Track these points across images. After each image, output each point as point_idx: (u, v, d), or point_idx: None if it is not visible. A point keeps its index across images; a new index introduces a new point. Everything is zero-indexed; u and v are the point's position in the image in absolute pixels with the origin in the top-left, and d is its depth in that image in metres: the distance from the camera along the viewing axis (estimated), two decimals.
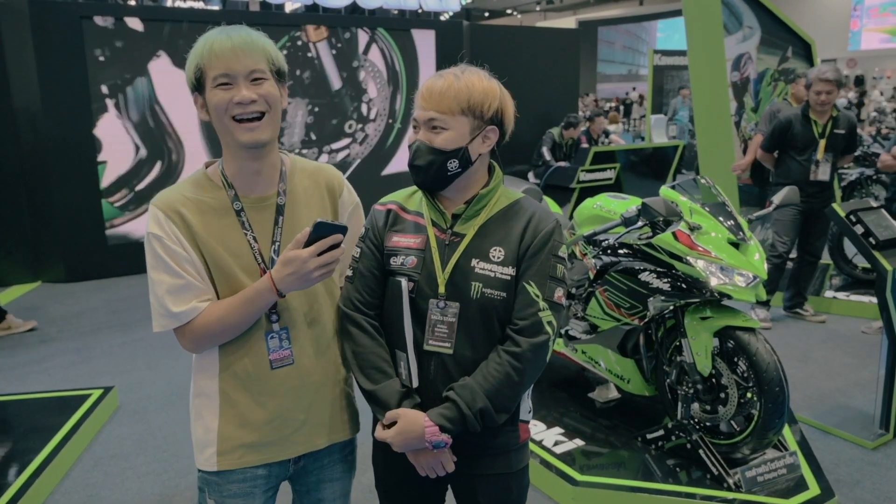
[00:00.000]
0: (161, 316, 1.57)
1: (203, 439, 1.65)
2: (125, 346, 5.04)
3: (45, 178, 6.72)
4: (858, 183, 7.16)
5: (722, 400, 3.06)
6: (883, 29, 25.17)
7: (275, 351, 1.62)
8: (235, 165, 1.61)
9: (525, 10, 32.97)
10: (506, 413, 1.62)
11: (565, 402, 3.82)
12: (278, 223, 1.64)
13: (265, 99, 1.53)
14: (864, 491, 3.12)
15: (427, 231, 1.66)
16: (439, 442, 1.57)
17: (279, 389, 1.63)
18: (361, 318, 1.68)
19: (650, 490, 2.96)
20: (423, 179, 1.64)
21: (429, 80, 1.62)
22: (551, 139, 9.23)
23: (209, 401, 1.64)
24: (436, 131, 1.59)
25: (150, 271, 1.57)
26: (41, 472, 3.19)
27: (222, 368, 1.62)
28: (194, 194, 1.60)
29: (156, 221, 1.55)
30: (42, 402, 3.98)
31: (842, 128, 5.07)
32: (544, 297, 1.60)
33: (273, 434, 1.65)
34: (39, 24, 6.46)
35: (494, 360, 1.59)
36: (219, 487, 1.66)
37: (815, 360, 4.63)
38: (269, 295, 1.53)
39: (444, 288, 1.62)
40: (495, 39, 9.85)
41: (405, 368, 1.65)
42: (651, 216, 3.06)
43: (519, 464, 1.75)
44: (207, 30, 1.56)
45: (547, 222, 1.64)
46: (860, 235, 3.57)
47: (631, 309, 3.28)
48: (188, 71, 1.56)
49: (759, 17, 6.60)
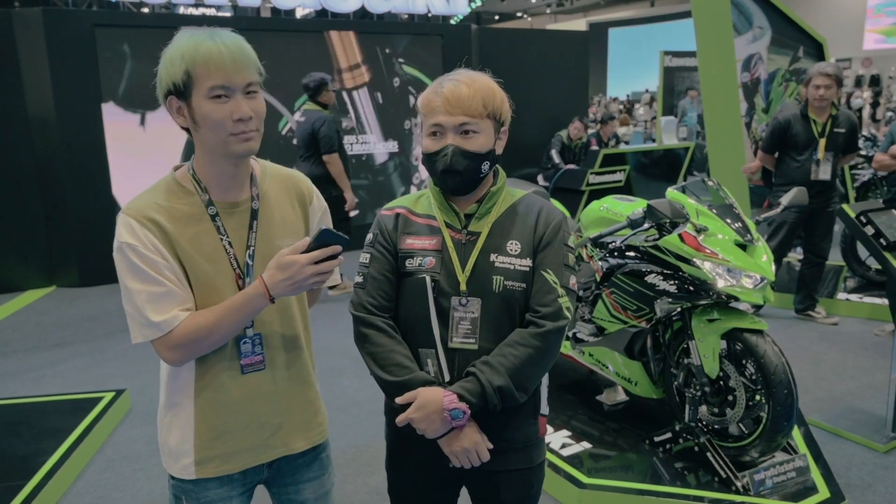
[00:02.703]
0: (141, 326, 1.51)
1: (178, 449, 1.63)
2: (137, 350, 5.08)
3: (59, 184, 6.80)
4: (872, 183, 7.10)
5: (730, 402, 3.05)
6: (878, 30, 25.25)
7: (246, 356, 1.61)
8: (212, 170, 1.57)
9: (535, 13, 32.96)
10: (525, 393, 1.65)
11: (573, 405, 3.82)
12: (252, 227, 1.61)
13: (258, 116, 1.52)
14: (876, 495, 3.10)
15: (441, 232, 1.69)
16: (457, 411, 1.58)
17: (253, 395, 1.63)
18: (377, 320, 1.69)
19: (658, 493, 2.95)
20: (458, 183, 1.66)
21: (447, 86, 1.62)
22: (560, 142, 9.23)
23: (182, 410, 1.61)
24: (469, 136, 1.62)
25: (126, 281, 1.51)
26: (54, 474, 3.23)
27: (198, 377, 1.60)
28: (167, 201, 1.55)
29: (129, 230, 1.50)
30: (55, 405, 4.03)
31: (842, 126, 5.03)
32: (561, 284, 1.68)
33: (250, 440, 1.64)
34: (53, 33, 6.54)
35: (516, 341, 1.63)
36: (196, 495, 1.64)
37: (827, 363, 4.60)
38: (261, 300, 1.51)
39: (466, 285, 1.65)
40: (504, 43, 9.85)
41: (433, 365, 1.68)
42: (657, 218, 3.05)
43: (539, 458, 1.79)
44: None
45: (555, 214, 1.74)
46: (871, 237, 3.54)
47: (638, 311, 3.28)
48: (170, 74, 1.48)
49: (770, 16, 6.56)
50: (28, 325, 5.85)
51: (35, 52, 6.58)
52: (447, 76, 1.66)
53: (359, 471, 3.31)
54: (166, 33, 1.62)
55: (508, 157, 10.01)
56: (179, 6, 11.48)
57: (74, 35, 6.64)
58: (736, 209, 3.23)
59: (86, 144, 6.81)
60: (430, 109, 1.64)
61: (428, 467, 1.76)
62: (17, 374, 4.76)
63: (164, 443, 1.66)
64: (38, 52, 6.56)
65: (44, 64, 6.56)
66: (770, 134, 5.18)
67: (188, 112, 1.50)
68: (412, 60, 8.71)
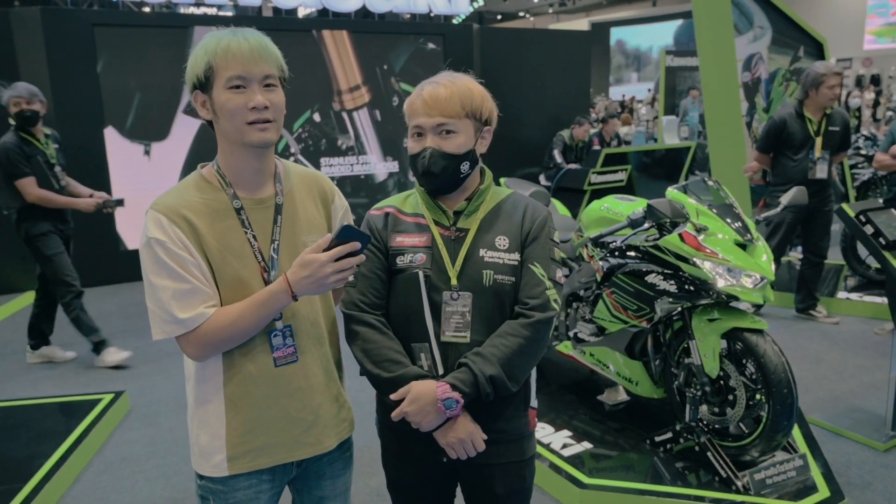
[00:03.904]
0: (165, 322, 1.54)
1: (209, 446, 1.63)
2: (137, 351, 5.07)
3: None
4: (872, 183, 7.09)
5: (730, 402, 3.04)
6: (870, 30, 25.40)
7: (278, 349, 1.62)
8: (236, 164, 1.61)
9: (538, 13, 32.96)
10: (516, 383, 1.67)
11: (574, 405, 3.81)
12: (277, 222, 1.63)
13: (275, 107, 1.55)
14: (875, 493, 3.09)
15: (430, 230, 1.73)
16: (450, 400, 1.60)
17: (285, 389, 1.63)
18: (369, 317, 1.71)
19: (658, 493, 2.94)
20: (438, 184, 1.71)
21: (426, 89, 1.68)
22: (562, 141, 9.21)
23: (214, 407, 1.62)
24: (447, 136, 1.66)
25: (151, 277, 1.53)
26: (52, 476, 3.22)
27: (226, 372, 1.60)
28: (195, 197, 1.58)
29: (158, 226, 1.52)
30: (54, 407, 4.03)
31: (836, 125, 5.04)
32: (549, 277, 1.71)
33: (282, 435, 1.64)
34: (52, 32, 6.54)
35: (507, 332, 1.67)
36: (224, 495, 1.64)
37: (828, 362, 4.59)
38: (284, 297, 1.52)
39: (457, 280, 1.68)
40: (505, 43, 9.84)
41: (427, 359, 1.69)
42: (656, 218, 3.05)
43: (530, 451, 1.82)
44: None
45: (540, 210, 1.78)
46: (870, 236, 3.53)
47: (638, 311, 3.27)
48: (195, 68, 1.53)
49: (770, 16, 6.56)
50: (26, 326, 5.82)
51: (34, 52, 6.57)
52: (430, 79, 1.71)
53: (360, 471, 3.29)
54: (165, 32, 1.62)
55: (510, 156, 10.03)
56: (179, 6, 11.48)
57: (73, 34, 6.63)
58: (736, 209, 3.22)
59: (85, 143, 6.79)
60: (412, 112, 1.71)
61: (422, 462, 1.78)
62: (15, 376, 4.76)
63: (194, 442, 1.66)
64: (36, 51, 6.56)
65: (42, 64, 6.56)
66: (766, 133, 5.18)
67: (210, 105, 1.55)
68: (411, 79, 8.67)
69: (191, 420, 1.68)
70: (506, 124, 7.62)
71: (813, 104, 4.98)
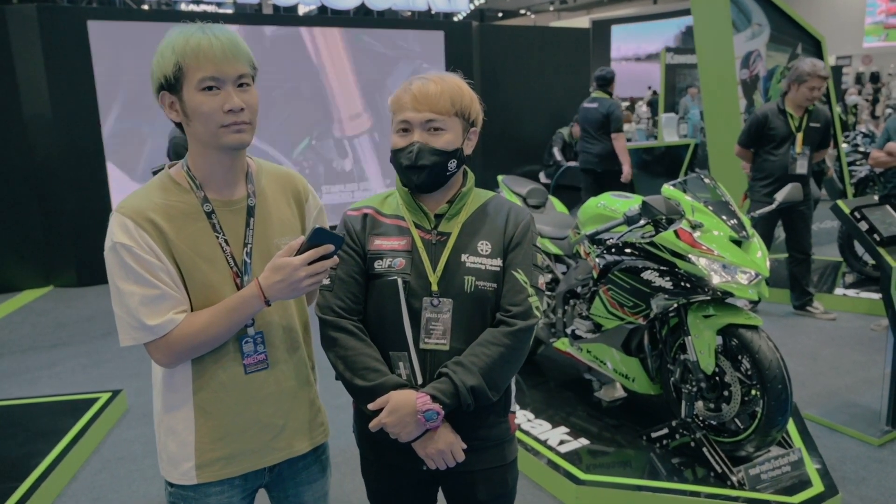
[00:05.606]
0: (132, 329, 1.49)
1: (178, 453, 1.58)
2: (135, 350, 5.01)
3: (55, 183, 6.79)
4: (869, 179, 7.09)
5: (726, 398, 3.05)
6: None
7: (249, 355, 1.57)
8: (207, 165, 1.54)
9: (538, 10, 32.92)
10: (497, 392, 1.63)
11: (571, 402, 3.82)
12: (249, 225, 1.58)
13: (251, 108, 1.50)
14: (869, 488, 3.10)
15: (411, 233, 1.67)
16: (431, 412, 1.56)
17: (256, 395, 1.59)
18: (347, 323, 1.65)
19: (654, 489, 2.95)
20: (424, 180, 1.63)
21: (416, 84, 1.63)
22: (562, 139, 9.21)
23: (183, 414, 1.57)
24: (435, 133, 1.61)
25: (118, 282, 1.48)
26: (49, 475, 3.22)
27: (196, 379, 1.56)
28: (162, 199, 1.51)
29: (124, 230, 1.46)
30: (52, 406, 4.02)
31: (817, 121, 5.07)
32: (531, 284, 1.66)
33: (252, 442, 1.61)
34: (47, 28, 6.52)
35: (488, 340, 1.62)
36: (195, 502, 1.61)
37: (824, 358, 4.60)
38: (257, 302, 1.47)
39: (437, 285, 1.63)
40: (505, 40, 9.84)
41: (406, 368, 1.64)
42: (652, 214, 3.05)
43: (511, 455, 1.78)
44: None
45: (524, 214, 1.74)
46: (865, 232, 3.54)
47: (634, 308, 3.27)
48: (161, 67, 1.46)
49: (768, 14, 6.56)
50: (25, 325, 5.85)
51: (29, 49, 6.55)
52: (418, 76, 1.66)
53: (357, 470, 3.25)
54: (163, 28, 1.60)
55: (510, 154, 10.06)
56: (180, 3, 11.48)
57: (69, 31, 6.62)
58: (731, 206, 3.22)
59: (83, 142, 6.80)
60: (398, 107, 1.64)
61: (402, 470, 1.74)
62: (12, 375, 4.75)
63: (163, 449, 1.62)
64: (32, 48, 6.54)
65: (39, 61, 6.55)
66: (747, 128, 5.22)
67: (180, 106, 1.48)
68: None
69: (158, 427, 1.63)
70: (505, 122, 7.74)
71: (791, 100, 5.01)
